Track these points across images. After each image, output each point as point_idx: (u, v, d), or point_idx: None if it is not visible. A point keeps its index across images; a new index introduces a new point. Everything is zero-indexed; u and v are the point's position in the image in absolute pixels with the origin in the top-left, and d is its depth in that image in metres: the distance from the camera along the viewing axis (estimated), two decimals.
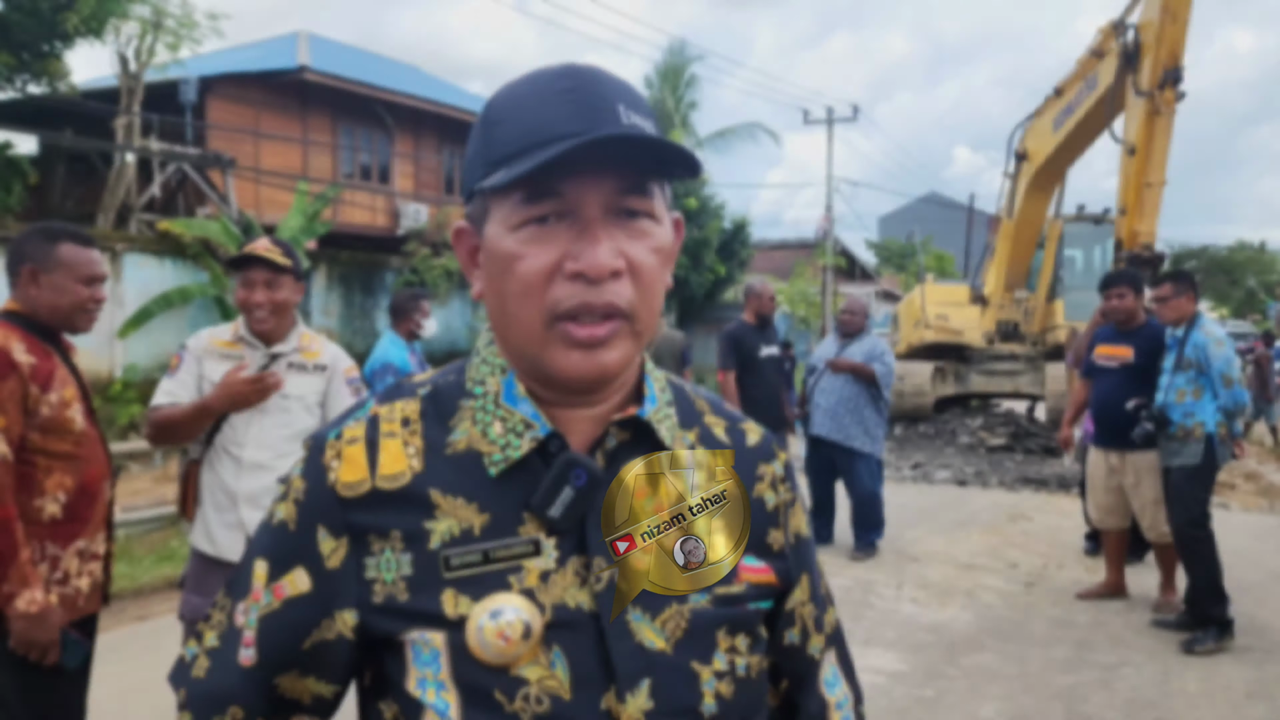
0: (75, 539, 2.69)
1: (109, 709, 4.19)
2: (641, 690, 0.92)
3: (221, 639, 1.01)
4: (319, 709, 1.02)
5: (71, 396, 2.68)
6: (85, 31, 14.72)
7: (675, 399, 1.08)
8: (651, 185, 0.95)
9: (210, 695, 0.99)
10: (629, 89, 0.96)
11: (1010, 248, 13.92)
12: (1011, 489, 10.50)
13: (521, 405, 0.98)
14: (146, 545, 7.14)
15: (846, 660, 1.19)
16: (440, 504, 0.95)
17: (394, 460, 0.97)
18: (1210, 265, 51.05)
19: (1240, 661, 5.01)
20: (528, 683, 0.91)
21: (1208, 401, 5.29)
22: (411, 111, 20.93)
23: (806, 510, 1.15)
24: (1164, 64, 9.00)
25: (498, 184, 0.90)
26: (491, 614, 0.91)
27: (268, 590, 0.98)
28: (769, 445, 1.12)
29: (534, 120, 0.91)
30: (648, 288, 0.95)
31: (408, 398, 1.02)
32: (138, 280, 14.32)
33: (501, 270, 0.94)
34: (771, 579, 1.05)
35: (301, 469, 1.00)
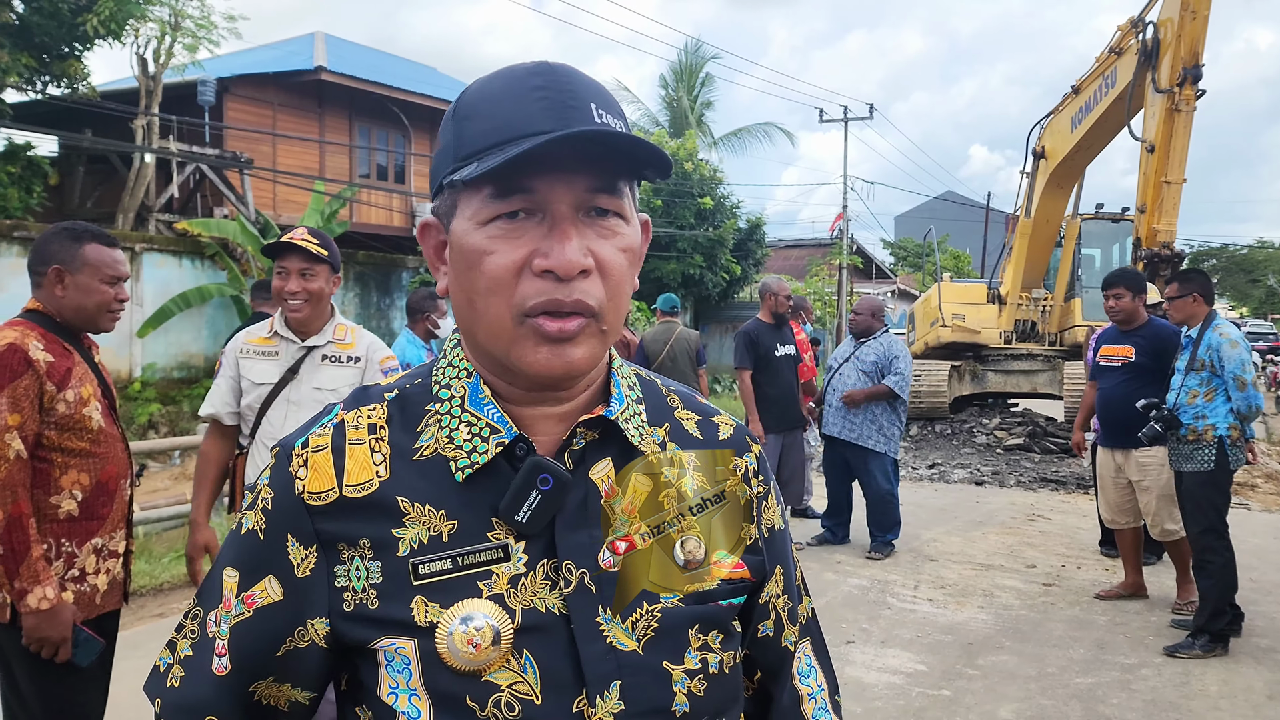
0: (92, 536, 2.70)
1: (128, 705, 4.21)
2: (612, 692, 0.92)
3: (195, 648, 1.00)
4: (296, 715, 1.01)
5: (90, 394, 2.69)
6: (104, 33, 14.85)
7: (645, 395, 1.07)
8: (622, 185, 0.94)
9: (185, 705, 0.99)
10: (601, 89, 0.96)
11: (1028, 246, 13.84)
12: (1029, 489, 10.44)
13: (487, 409, 0.97)
14: (166, 543, 7.18)
15: (821, 649, 1.18)
16: (408, 511, 0.94)
17: (361, 468, 0.96)
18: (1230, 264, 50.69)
19: (1261, 663, 4.97)
20: (499, 688, 0.91)
21: (1220, 404, 5.16)
22: (427, 111, 21.00)
23: (780, 502, 1.14)
24: (1184, 61, 8.93)
25: (468, 177, 0.90)
26: (461, 621, 0.91)
27: (239, 600, 0.97)
28: (741, 438, 1.11)
29: (506, 116, 0.91)
30: (615, 287, 0.94)
31: (374, 403, 1.01)
32: (156, 280, 14.43)
33: (469, 266, 0.93)
34: (744, 574, 1.04)
35: (268, 478, 0.99)
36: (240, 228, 14.88)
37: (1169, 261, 8.94)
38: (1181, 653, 5.04)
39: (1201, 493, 5.17)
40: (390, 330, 17.43)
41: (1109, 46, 10.61)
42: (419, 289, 6.17)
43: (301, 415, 3.26)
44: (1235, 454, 5.16)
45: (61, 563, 2.63)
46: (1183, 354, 5.38)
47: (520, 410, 0.98)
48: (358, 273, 17.70)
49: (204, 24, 16.08)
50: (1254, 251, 51.13)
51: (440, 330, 5.90)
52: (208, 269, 15.17)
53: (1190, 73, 8.92)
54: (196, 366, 14.95)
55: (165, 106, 16.40)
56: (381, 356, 3.41)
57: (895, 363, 7.09)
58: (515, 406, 0.98)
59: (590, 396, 1.01)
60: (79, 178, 17.47)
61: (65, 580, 2.63)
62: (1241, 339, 5.22)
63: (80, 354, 2.73)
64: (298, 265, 3.24)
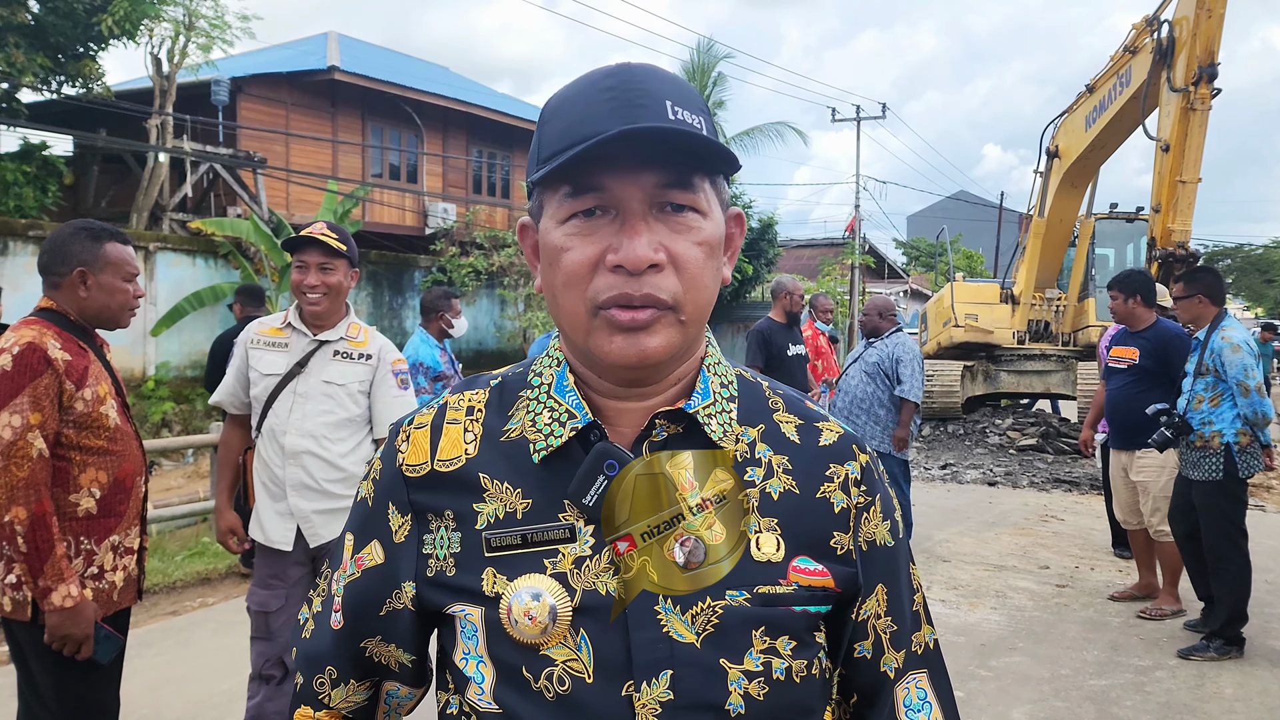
0: (110, 534, 2.71)
1: (142, 703, 4.24)
2: (661, 680, 0.93)
3: (322, 604, 1.11)
4: (405, 677, 1.09)
5: (105, 393, 2.71)
6: (119, 33, 14.93)
7: (742, 394, 1.07)
8: (695, 179, 0.95)
9: (312, 655, 1.10)
10: (680, 85, 0.97)
11: (1041, 246, 13.78)
12: (1042, 489, 10.40)
13: (569, 396, 1.01)
14: (179, 541, 7.22)
15: (942, 686, 1.11)
16: (488, 488, 1.00)
17: (452, 445, 1.04)
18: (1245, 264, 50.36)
19: (1278, 665, 4.93)
20: (554, 663, 0.94)
21: (1227, 409, 5.03)
22: (440, 111, 21.04)
23: (895, 520, 1.10)
24: (1199, 60, 8.89)
25: (536, 178, 0.95)
26: (521, 594, 0.95)
27: (352, 561, 1.07)
28: (847, 446, 1.07)
29: (577, 118, 0.94)
30: (692, 280, 0.95)
31: (479, 388, 1.09)
32: (170, 279, 14.51)
33: (550, 262, 0.97)
34: (828, 583, 1.01)
35: (381, 451, 1.09)
36: (254, 227, 14.94)
37: (1184, 261, 8.90)
38: (1196, 655, 5.01)
39: (1212, 502, 5.09)
40: (403, 330, 17.48)
41: (1124, 45, 10.56)
42: (433, 288, 6.18)
43: (308, 408, 3.28)
44: (1245, 461, 5.01)
45: (81, 560, 2.65)
46: (1192, 356, 5.30)
47: (605, 401, 1.02)
48: (370, 272, 17.75)
49: (218, 24, 16.16)
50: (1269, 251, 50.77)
51: (454, 330, 5.90)
52: (221, 268, 15.25)
53: (1205, 71, 8.87)
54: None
55: (179, 106, 16.48)
56: (394, 358, 3.45)
57: (900, 368, 6.84)
58: (600, 397, 1.02)
59: (679, 391, 1.03)
60: (93, 177, 17.57)
61: (84, 578, 2.65)
62: (1246, 343, 5.05)
63: (94, 352, 2.74)
64: (317, 259, 3.27)
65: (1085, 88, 11.80)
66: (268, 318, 3.50)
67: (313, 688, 1.10)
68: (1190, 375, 5.24)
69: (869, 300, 7.59)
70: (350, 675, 1.09)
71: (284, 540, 3.30)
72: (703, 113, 0.96)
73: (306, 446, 3.27)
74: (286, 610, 3.35)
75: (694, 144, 0.92)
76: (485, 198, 22.82)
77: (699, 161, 0.95)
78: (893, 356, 6.90)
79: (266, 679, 3.36)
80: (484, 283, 19.10)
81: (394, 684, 1.10)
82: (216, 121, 17.30)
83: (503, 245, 18.86)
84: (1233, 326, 5.14)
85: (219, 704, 4.30)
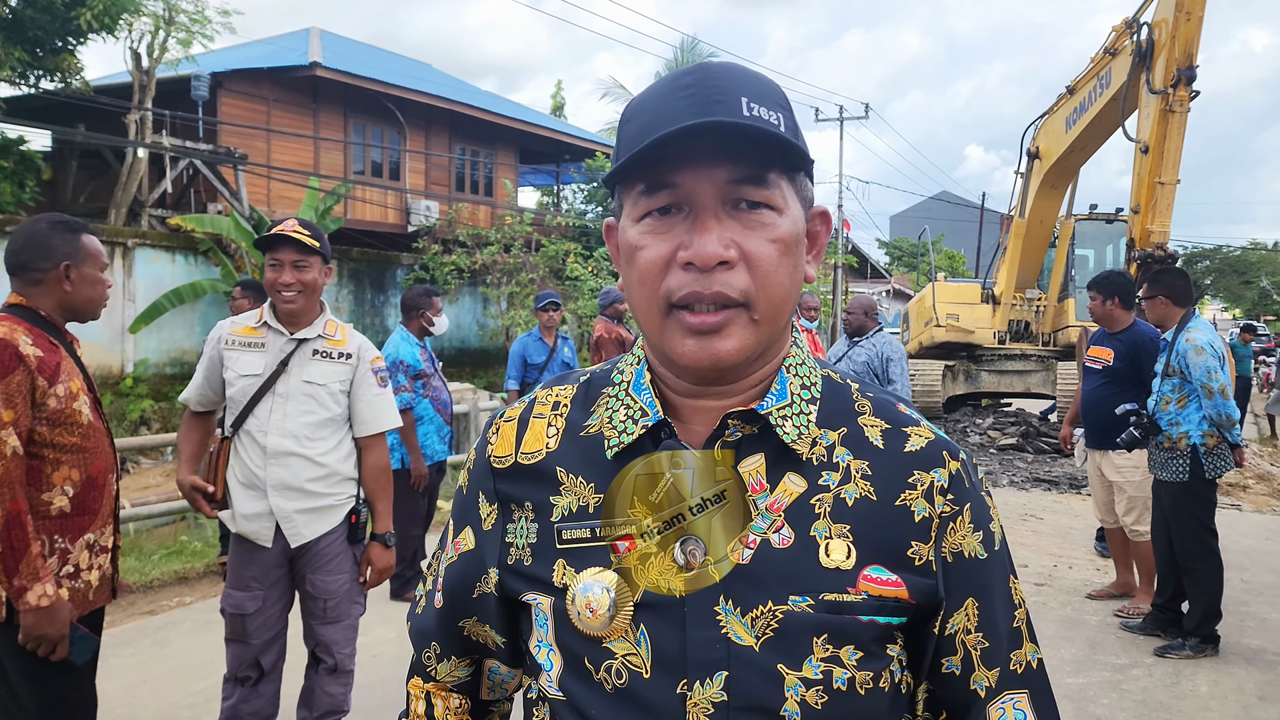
0: (84, 532, 2.69)
1: (118, 702, 4.20)
2: (715, 681, 0.93)
3: (431, 583, 1.18)
4: (502, 656, 1.14)
5: (78, 389, 2.68)
6: (98, 27, 14.78)
7: (826, 396, 1.05)
8: (770, 175, 0.94)
9: (420, 630, 1.19)
10: (760, 82, 0.97)
11: (1022, 247, 13.87)
12: (1022, 488, 10.45)
13: (644, 394, 1.03)
14: (156, 540, 7.16)
15: (1046, 709, 1.05)
16: (564, 481, 1.04)
17: (536, 439, 1.08)
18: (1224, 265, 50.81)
19: (1252, 664, 4.98)
20: (614, 656, 0.96)
21: (1193, 411, 5.05)
22: (423, 108, 20.95)
23: (992, 530, 1.05)
24: (1178, 62, 8.94)
25: (611, 173, 0.96)
26: (585, 586, 0.97)
27: (452, 544, 1.14)
28: (935, 452, 1.03)
29: (654, 115, 0.93)
30: (765, 277, 0.94)
31: (568, 384, 1.12)
32: (149, 275, 14.39)
33: (627, 260, 0.99)
34: (901, 594, 0.97)
35: (478, 442, 1.14)
36: (234, 224, 14.84)
37: (1162, 262, 8.96)
38: (1171, 654, 5.04)
39: (1180, 504, 5.12)
40: (385, 328, 17.41)
41: (1104, 47, 10.63)
42: (414, 286, 6.15)
43: (289, 408, 3.26)
44: (1212, 463, 5.03)
45: (55, 559, 2.62)
46: (1161, 357, 5.33)
47: (680, 400, 1.03)
48: (352, 269, 17.66)
49: (198, 19, 16.02)
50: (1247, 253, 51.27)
51: (435, 328, 5.87)
52: (201, 265, 15.13)
53: (1184, 73, 8.92)
54: (189, 363, 14.89)
55: (159, 101, 16.34)
56: (372, 356, 3.43)
57: (890, 367, 6.85)
58: (677, 396, 1.03)
59: (756, 392, 1.02)
60: (72, 172, 17.40)
61: (60, 577, 2.62)
62: (1210, 345, 5.05)
63: (65, 348, 2.72)
64: (291, 257, 3.25)
65: (1066, 89, 11.87)
66: (240, 316, 3.45)
67: (421, 660, 1.19)
68: (1159, 376, 5.29)
69: (853, 299, 7.56)
70: (452, 652, 1.16)
71: (264, 537, 3.28)
72: (782, 109, 0.96)
73: (288, 447, 3.25)
74: (263, 612, 3.32)
75: (766, 138, 0.92)
76: (468, 195, 22.73)
77: (775, 157, 0.94)
78: (883, 356, 6.88)
79: (242, 680, 3.34)
80: (466, 281, 19.05)
81: (494, 662, 1.16)
82: (197, 117, 17.16)
83: (485, 243, 18.81)
84: (1198, 328, 5.15)
85: (196, 703, 4.27)
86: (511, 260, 18.70)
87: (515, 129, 23.27)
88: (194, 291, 14.55)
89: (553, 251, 19.44)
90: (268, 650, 3.35)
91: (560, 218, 21.94)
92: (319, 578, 3.34)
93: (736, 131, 0.90)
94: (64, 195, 17.11)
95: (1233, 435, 5.07)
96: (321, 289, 3.35)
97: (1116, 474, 5.78)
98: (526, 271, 18.73)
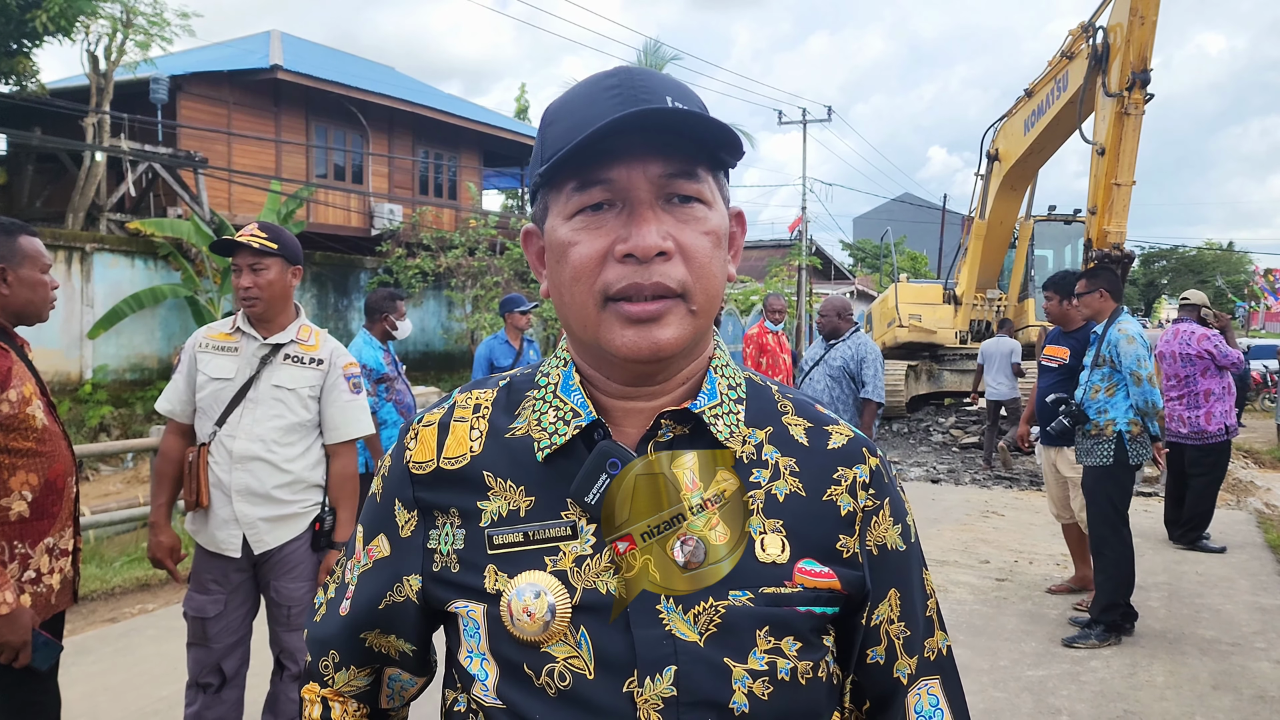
0: (44, 536, 2.66)
1: (80, 710, 4.16)
2: (665, 676, 0.93)
3: (336, 590, 1.15)
4: (406, 665, 1.13)
5: (31, 392, 2.65)
6: (54, 30, 14.58)
7: (750, 397, 1.07)
8: (700, 170, 0.96)
9: (319, 638, 1.15)
10: (681, 85, 0.99)
11: (982, 247, 14.04)
12: (984, 486, 10.59)
13: (574, 395, 1.02)
14: (117, 547, 7.08)
15: (955, 694, 1.11)
16: (492, 485, 1.02)
17: (458, 443, 1.05)
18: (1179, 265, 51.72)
19: (1206, 653, 5.08)
20: (554, 660, 0.95)
21: (1121, 399, 5.26)
22: (385, 111, 20.84)
23: (909, 523, 1.10)
24: (1132, 65, 9.09)
25: (542, 171, 0.96)
26: (521, 591, 0.96)
27: (365, 551, 1.11)
28: (856, 449, 1.07)
29: (581, 116, 0.94)
30: (701, 269, 0.96)
31: (488, 388, 1.10)
32: (108, 280, 14.20)
33: (558, 259, 0.98)
34: (834, 585, 1.00)
35: (392, 449, 1.11)
36: (194, 228, 14.68)
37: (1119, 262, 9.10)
38: (1079, 643, 5.17)
39: (1099, 487, 5.30)
40: (349, 331, 17.28)
41: (1061, 51, 10.79)
42: (378, 289, 6.12)
43: (258, 412, 3.24)
44: (1135, 449, 5.23)
45: (16, 565, 2.59)
46: (1090, 349, 5.51)
47: (611, 401, 1.03)
48: (315, 273, 17.52)
49: (156, 21, 15.83)
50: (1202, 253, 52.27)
51: (398, 331, 5.85)
52: (161, 269, 14.96)
53: (1139, 77, 9.07)
54: (150, 368, 14.72)
55: (117, 104, 16.13)
56: (345, 362, 3.41)
57: (864, 368, 6.80)
58: (606, 397, 1.03)
59: (685, 392, 1.03)
60: (28, 177, 17.12)
61: (22, 583, 2.59)
62: (1140, 335, 5.28)
63: (16, 353, 2.69)
64: (247, 261, 3.25)
65: (1024, 92, 12.03)
66: (216, 323, 3.45)
67: (318, 668, 1.15)
68: (1088, 367, 5.45)
69: (826, 301, 7.43)
70: (351, 662, 1.13)
71: (232, 547, 3.26)
72: (701, 109, 0.98)
73: (255, 452, 3.22)
74: (225, 617, 3.30)
75: (699, 128, 0.93)
76: (432, 199, 22.65)
77: (703, 151, 0.96)
78: (857, 357, 6.83)
79: (204, 687, 3.31)
80: (430, 284, 18.97)
81: (396, 670, 1.14)
82: (156, 120, 16.96)
83: (450, 246, 18.75)
84: (1129, 321, 5.39)
85: (159, 710, 4.24)
86: (476, 263, 18.65)
87: (479, 132, 23.21)
88: (154, 296, 14.38)
89: (518, 254, 19.39)
90: (230, 655, 3.33)
91: (525, 220, 21.89)
92: (283, 584, 3.32)
93: (675, 120, 0.92)
94: (20, 200, 16.84)
95: (1153, 426, 5.27)
96: (289, 291, 3.34)
97: (1071, 470, 5.88)
98: (491, 274, 18.69)
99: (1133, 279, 46.17)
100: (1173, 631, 5.44)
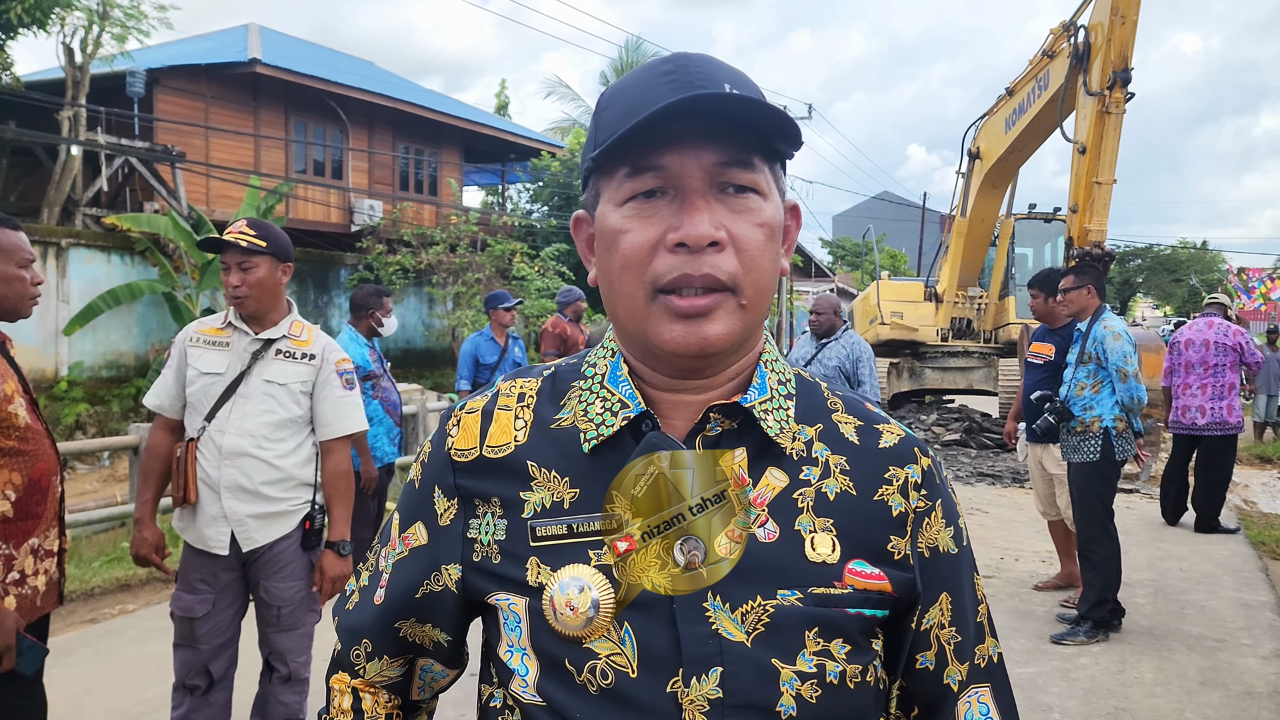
0: (29, 536, 2.61)
1: (63, 712, 4.08)
2: (710, 677, 0.90)
3: (369, 579, 1.12)
4: (440, 655, 1.10)
5: (13, 390, 2.60)
6: (29, 22, 14.37)
7: (800, 393, 1.04)
8: (755, 159, 0.94)
9: (351, 627, 1.12)
10: (739, 73, 0.96)
11: (963, 245, 14.09)
12: (967, 483, 10.62)
13: (622, 386, 1.00)
14: (96, 546, 6.98)
15: (1006, 702, 1.08)
16: (536, 476, 0.99)
17: (502, 431, 1.03)
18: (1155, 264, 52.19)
19: (1194, 650, 5.11)
20: (597, 656, 0.92)
21: (1106, 396, 5.29)
22: (366, 107, 20.70)
23: (960, 525, 1.07)
24: (1113, 64, 9.14)
25: (594, 157, 0.94)
26: (564, 585, 0.93)
27: (400, 539, 1.08)
28: (908, 449, 1.04)
29: (635, 101, 0.92)
30: (752, 261, 0.93)
31: (532, 377, 1.08)
32: (84, 276, 14.04)
33: (608, 246, 0.96)
34: (885, 587, 0.97)
35: (433, 434, 1.09)
36: (172, 223, 14.53)
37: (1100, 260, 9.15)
38: (1067, 640, 5.19)
39: (1086, 483, 5.32)
40: (329, 328, 17.16)
41: (1042, 50, 10.83)
42: (364, 285, 6.06)
43: (248, 407, 3.20)
44: (1121, 445, 5.28)
45: (0, 566, 2.54)
46: (1074, 347, 5.54)
47: (659, 394, 1.00)
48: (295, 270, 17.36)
49: (133, 14, 15.64)
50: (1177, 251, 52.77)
51: (384, 328, 5.79)
52: (138, 265, 14.80)
53: (1120, 76, 9.12)
54: (127, 365, 14.56)
55: (93, 98, 15.93)
56: (338, 358, 3.38)
57: (860, 367, 6.65)
58: (654, 390, 1.00)
59: (735, 386, 1.00)
60: (2, 170, 16.88)
61: (6, 584, 2.54)
62: (1125, 332, 5.33)
63: None
64: (235, 259, 3.21)
65: (1005, 91, 12.07)
66: (208, 318, 3.40)
67: (349, 658, 1.12)
68: (1072, 365, 5.48)
69: (820, 298, 7.19)
70: (384, 651, 1.10)
71: (219, 544, 3.21)
72: (761, 98, 0.94)
73: (244, 447, 3.18)
74: (213, 617, 3.25)
75: (756, 116, 0.91)
76: (412, 195, 22.51)
77: (760, 140, 0.94)
78: (853, 357, 6.69)
79: (191, 689, 3.26)
80: (411, 281, 18.86)
81: (429, 660, 1.11)
82: (132, 114, 16.74)
83: (431, 243, 18.65)
84: (1113, 318, 5.43)
85: (144, 712, 4.18)
86: (457, 260, 18.56)
87: (460, 128, 23.09)
88: (131, 292, 14.22)
89: (499, 251, 19.33)
90: (218, 657, 3.28)
91: (506, 217, 21.82)
92: (273, 584, 3.28)
93: (732, 108, 0.89)
94: None
95: (1137, 422, 5.32)
96: (279, 288, 3.31)
97: (1058, 467, 5.90)
98: (472, 271, 18.60)
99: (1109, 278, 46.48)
100: (1160, 628, 5.47)
